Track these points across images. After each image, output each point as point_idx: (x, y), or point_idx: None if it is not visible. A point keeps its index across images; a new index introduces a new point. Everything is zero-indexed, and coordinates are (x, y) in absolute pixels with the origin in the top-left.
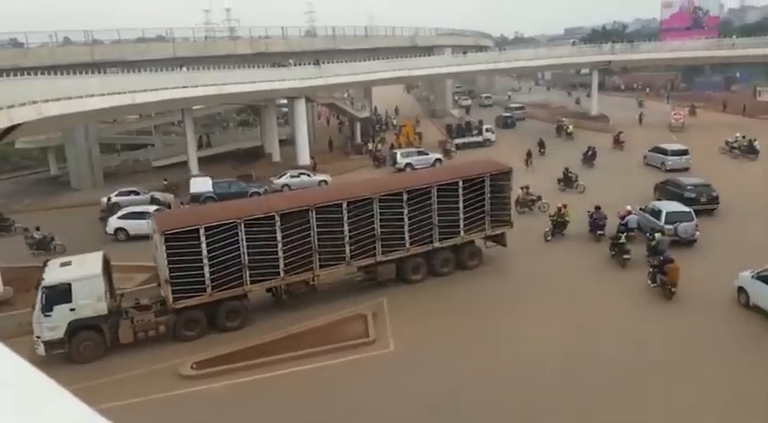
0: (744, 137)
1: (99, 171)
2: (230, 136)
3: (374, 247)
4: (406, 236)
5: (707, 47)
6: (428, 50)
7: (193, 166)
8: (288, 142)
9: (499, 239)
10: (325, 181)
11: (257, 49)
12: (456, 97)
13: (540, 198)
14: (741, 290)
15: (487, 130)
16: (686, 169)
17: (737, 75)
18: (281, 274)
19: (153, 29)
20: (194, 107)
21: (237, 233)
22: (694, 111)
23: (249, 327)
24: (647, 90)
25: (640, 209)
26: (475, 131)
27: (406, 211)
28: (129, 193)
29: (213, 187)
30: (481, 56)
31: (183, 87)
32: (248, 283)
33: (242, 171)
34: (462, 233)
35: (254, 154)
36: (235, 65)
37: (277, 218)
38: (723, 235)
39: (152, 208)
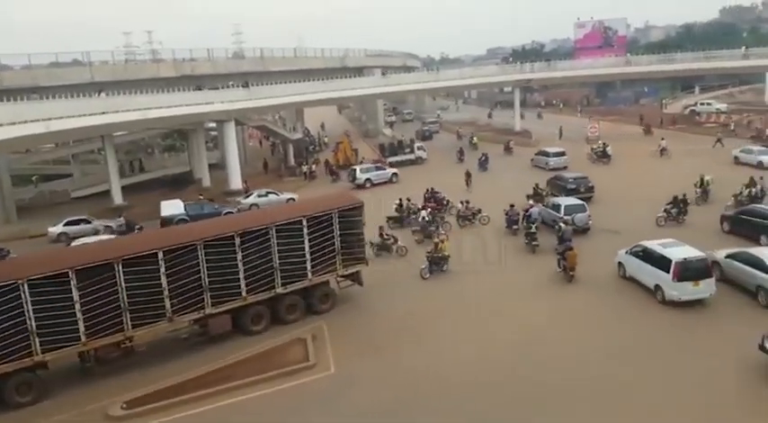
0: (603, 144)
1: (11, 205)
2: (156, 162)
3: (202, 299)
4: (242, 283)
5: (616, 64)
6: (358, 71)
7: (117, 195)
8: (218, 166)
9: (355, 278)
10: (293, 198)
11: (182, 72)
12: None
13: (480, 211)
14: (620, 264)
15: (419, 148)
16: (565, 167)
17: (645, 89)
18: (83, 338)
19: (68, 53)
20: (116, 133)
21: (21, 295)
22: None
23: (180, 360)
24: (561, 105)
25: (543, 205)
26: (407, 149)
27: (239, 257)
28: (79, 221)
29: (185, 209)
30: (410, 76)
31: (103, 113)
32: (39, 352)
33: (170, 198)
34: (310, 275)
35: (182, 180)
36: (159, 89)
37: (72, 275)
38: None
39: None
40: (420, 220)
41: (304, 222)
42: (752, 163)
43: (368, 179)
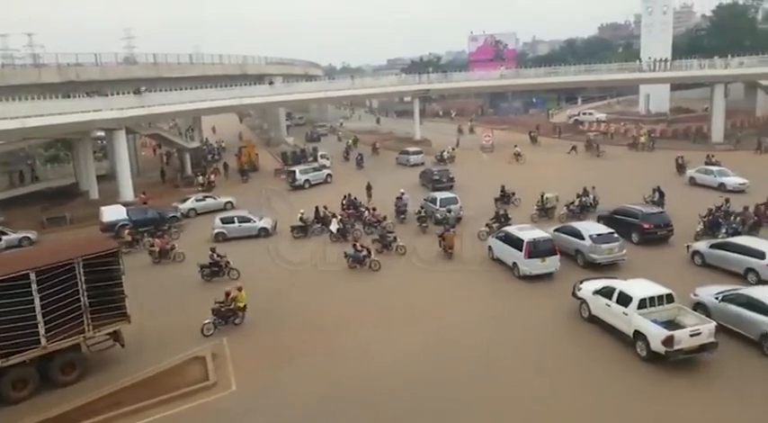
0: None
1: None
2: (39, 174)
3: None
4: None
5: (507, 76)
6: (258, 79)
7: None
8: (108, 177)
9: (116, 337)
10: (230, 202)
11: (67, 78)
12: None
13: (385, 218)
14: (489, 248)
15: (322, 156)
16: (422, 164)
17: (534, 100)
18: None
19: None
20: None
21: None
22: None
23: (63, 388)
24: (453, 114)
25: (426, 200)
26: (311, 158)
27: None
28: None
29: (128, 214)
30: (312, 84)
31: None
32: None
33: (54, 213)
34: (44, 342)
35: (67, 193)
36: (40, 95)
37: None
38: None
39: None
40: (332, 228)
41: (32, 277)
42: (711, 184)
43: (307, 180)
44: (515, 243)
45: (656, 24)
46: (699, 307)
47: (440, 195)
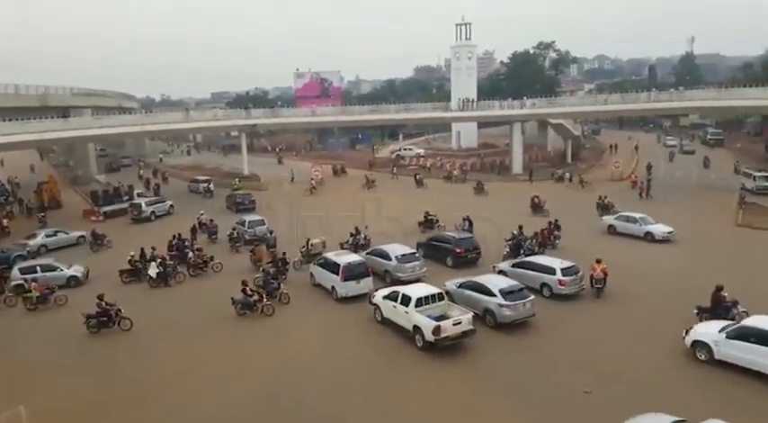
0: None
1: None
2: None
3: None
4: None
5: (333, 112)
6: (64, 111)
7: None
8: None
9: None
10: (83, 236)
11: None
12: None
13: (212, 258)
14: (311, 274)
15: (139, 195)
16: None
17: (360, 136)
18: None
19: None
20: None
21: None
22: (343, 169)
23: None
24: (278, 149)
25: (237, 223)
26: (125, 197)
27: None
28: None
29: None
30: (127, 118)
31: None
32: None
33: None
34: None
35: None
36: None
37: None
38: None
39: None
40: (150, 272)
41: None
42: (635, 234)
43: (152, 212)
44: (332, 267)
45: (463, 69)
46: (447, 294)
47: (248, 217)
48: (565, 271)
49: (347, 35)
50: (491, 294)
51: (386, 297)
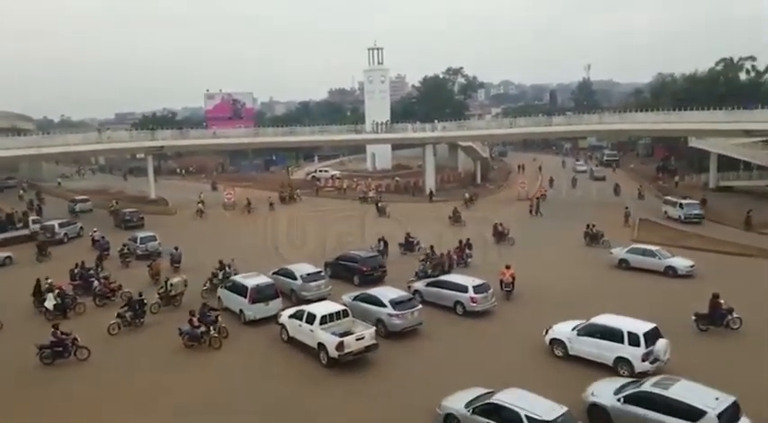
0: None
1: None
2: None
3: None
4: None
5: (246, 134)
6: None
7: None
8: None
9: None
10: (9, 257)
11: None
12: None
13: (120, 286)
14: (219, 298)
15: (34, 221)
16: (91, 210)
17: (274, 158)
18: None
19: None
20: None
21: None
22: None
23: None
24: (183, 172)
25: (129, 239)
26: (20, 224)
27: None
28: None
29: None
30: (22, 140)
31: None
32: None
33: None
34: None
35: None
36: None
37: None
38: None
39: None
40: (47, 304)
41: None
42: (655, 269)
43: (65, 234)
44: (240, 290)
45: (377, 92)
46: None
47: (140, 234)
48: (477, 288)
49: (261, 56)
50: (382, 305)
51: (291, 316)
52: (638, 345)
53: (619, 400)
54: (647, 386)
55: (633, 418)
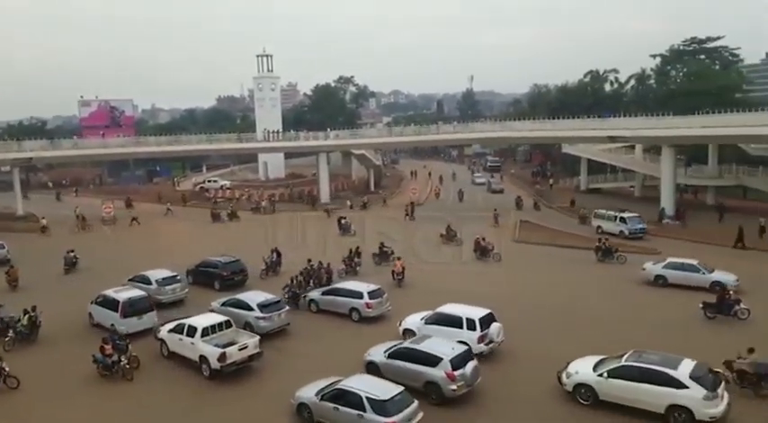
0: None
1: None
2: None
3: None
4: None
5: (126, 144)
6: None
7: None
8: None
9: None
10: None
11: None
12: None
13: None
14: (90, 314)
15: None
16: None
17: (158, 168)
18: None
19: None
20: None
21: None
22: (131, 203)
23: None
24: (51, 184)
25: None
26: None
27: None
28: None
29: None
30: None
31: None
32: None
33: None
34: None
35: None
36: None
37: None
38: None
39: None
40: None
41: None
42: (700, 284)
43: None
44: (111, 305)
45: (267, 100)
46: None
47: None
48: (371, 294)
49: (142, 61)
50: (250, 309)
51: (171, 331)
52: (474, 329)
53: (386, 356)
54: (406, 343)
55: (395, 369)
